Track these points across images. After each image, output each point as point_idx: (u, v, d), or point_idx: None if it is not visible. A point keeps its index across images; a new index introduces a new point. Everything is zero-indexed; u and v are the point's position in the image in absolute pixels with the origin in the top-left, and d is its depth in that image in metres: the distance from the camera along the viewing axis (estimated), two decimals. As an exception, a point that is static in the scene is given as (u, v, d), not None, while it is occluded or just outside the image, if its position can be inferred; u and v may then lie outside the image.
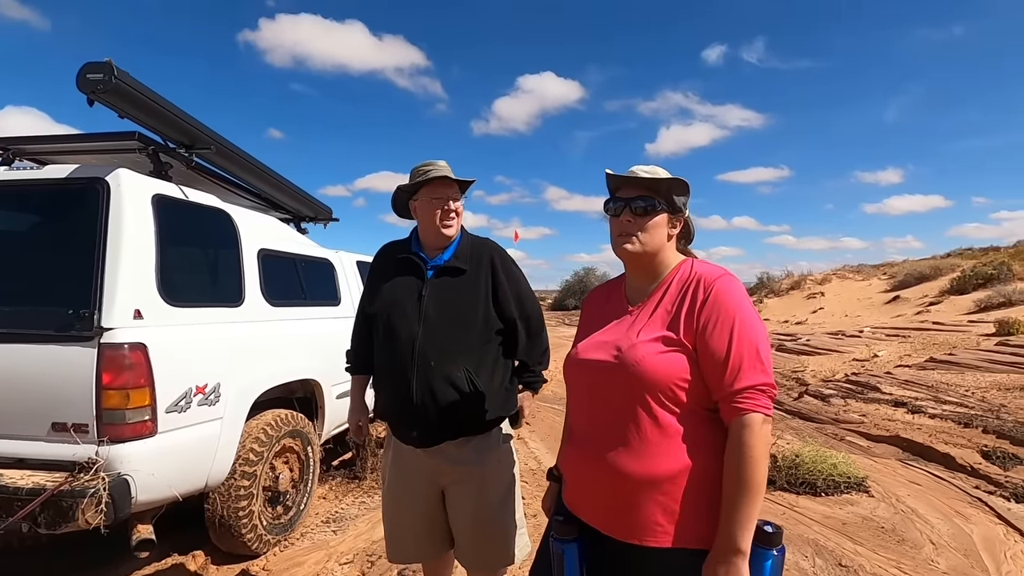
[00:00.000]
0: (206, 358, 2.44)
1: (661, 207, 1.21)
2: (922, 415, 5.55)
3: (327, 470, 4.10)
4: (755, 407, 1.05)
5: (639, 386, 1.12)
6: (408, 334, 1.67)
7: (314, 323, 3.43)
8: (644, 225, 1.20)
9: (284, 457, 3.04)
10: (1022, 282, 13.68)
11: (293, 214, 4.36)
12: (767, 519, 1.13)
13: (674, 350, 1.12)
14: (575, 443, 1.27)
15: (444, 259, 1.74)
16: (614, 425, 1.16)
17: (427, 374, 1.63)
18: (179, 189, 2.59)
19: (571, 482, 1.28)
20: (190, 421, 2.29)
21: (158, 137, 2.66)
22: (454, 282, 1.72)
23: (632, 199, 1.21)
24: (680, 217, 1.25)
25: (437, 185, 1.70)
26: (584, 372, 1.24)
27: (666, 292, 1.20)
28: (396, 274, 1.76)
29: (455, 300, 1.70)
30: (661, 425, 1.11)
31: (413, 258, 1.75)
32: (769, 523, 1.12)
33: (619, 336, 1.20)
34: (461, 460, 1.68)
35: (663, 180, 1.20)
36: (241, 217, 2.95)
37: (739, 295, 1.13)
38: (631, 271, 1.30)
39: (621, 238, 1.22)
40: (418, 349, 1.65)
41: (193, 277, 2.69)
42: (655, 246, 1.22)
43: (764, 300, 21.12)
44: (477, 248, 1.78)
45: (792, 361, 9.80)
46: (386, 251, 1.87)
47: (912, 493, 3.74)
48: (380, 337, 1.74)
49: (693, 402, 1.12)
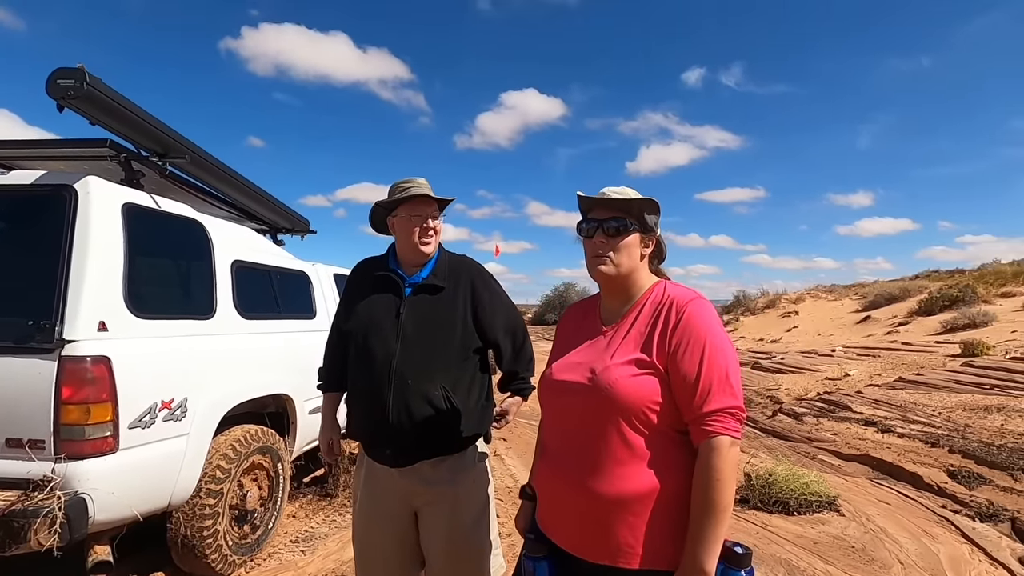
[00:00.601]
0: (173, 372, 2.37)
1: (633, 227, 1.22)
2: (891, 434, 5.65)
3: (298, 487, 4.00)
4: (723, 430, 1.06)
5: (612, 408, 1.12)
6: (385, 352, 1.64)
7: (288, 336, 3.37)
8: (617, 246, 1.22)
9: (253, 474, 2.96)
10: (986, 304, 14.14)
11: (269, 225, 4.30)
12: (738, 540, 1.13)
13: (647, 373, 1.13)
14: (547, 462, 1.27)
15: (422, 276, 1.73)
16: (586, 446, 1.16)
17: (404, 393, 1.61)
18: (151, 198, 2.54)
19: (543, 502, 1.28)
20: (154, 437, 2.22)
21: (131, 145, 2.60)
22: (432, 300, 1.70)
23: (604, 220, 1.22)
24: (652, 236, 1.27)
25: (416, 203, 1.70)
26: (558, 393, 1.24)
27: (639, 314, 1.21)
28: (373, 291, 1.74)
29: (433, 318, 1.68)
30: (633, 447, 1.11)
31: (391, 275, 1.73)
32: (739, 544, 1.12)
33: (593, 357, 1.20)
34: (435, 480, 1.66)
35: (634, 200, 1.21)
36: (215, 228, 2.90)
37: (710, 319, 1.15)
38: (605, 292, 1.31)
39: (595, 259, 1.23)
40: (395, 367, 1.62)
41: (163, 288, 2.63)
42: (629, 267, 1.23)
43: (740, 318, 21.44)
44: (455, 266, 1.78)
45: (767, 379, 9.93)
46: (363, 267, 1.84)
47: (881, 512, 3.79)
48: (356, 355, 1.72)
49: (664, 424, 1.12)
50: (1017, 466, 4.45)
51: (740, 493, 4.04)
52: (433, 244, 1.73)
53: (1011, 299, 14.84)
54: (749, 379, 10.09)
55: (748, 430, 6.42)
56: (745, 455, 5.18)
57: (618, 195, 1.22)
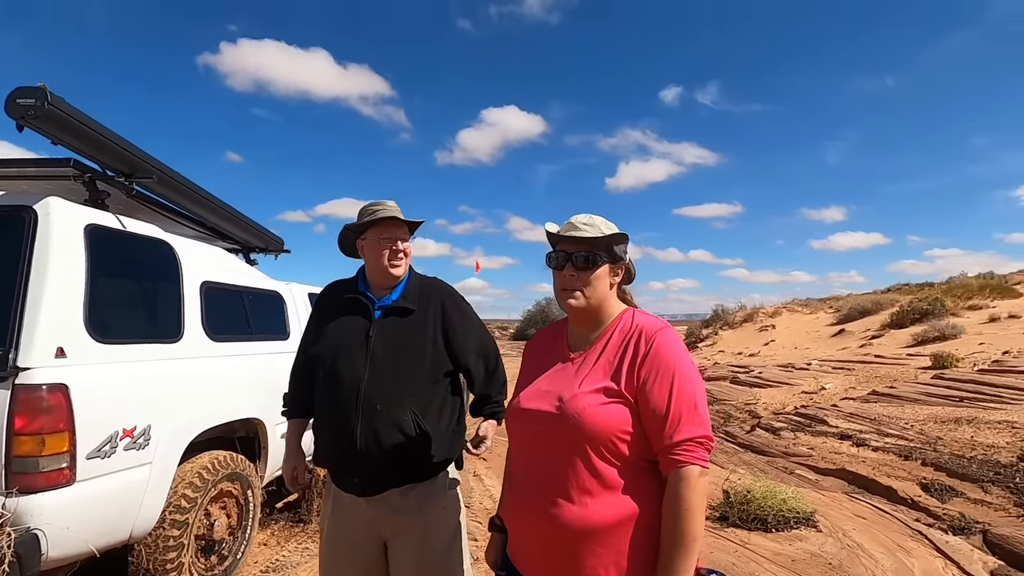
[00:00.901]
0: (136, 398, 2.29)
1: (602, 259, 1.22)
2: (866, 448, 5.73)
3: (270, 513, 3.88)
4: (693, 459, 1.06)
5: (580, 437, 1.11)
6: (353, 377, 1.61)
7: (260, 358, 3.29)
8: (587, 279, 1.21)
9: (221, 502, 2.87)
10: (954, 317, 14.53)
11: (242, 245, 4.23)
12: (716, 560, 1.12)
13: (615, 402, 1.12)
14: (515, 493, 1.25)
15: (392, 299, 1.70)
16: (554, 476, 1.14)
17: (372, 419, 1.57)
18: (116, 219, 2.47)
19: (512, 533, 1.25)
20: (114, 467, 2.14)
21: (96, 164, 2.54)
22: (402, 323, 1.68)
23: (574, 253, 1.22)
24: (621, 264, 1.27)
25: (386, 225, 1.68)
26: (525, 422, 1.22)
27: (608, 342, 1.21)
28: (342, 314, 1.71)
29: (403, 341, 1.66)
30: (601, 476, 1.10)
31: (360, 298, 1.70)
32: (714, 571, 1.11)
33: (561, 385, 1.19)
34: (404, 510, 1.61)
35: (603, 236, 1.21)
36: (183, 248, 2.84)
37: (678, 349, 1.15)
38: (574, 320, 1.30)
39: (565, 292, 1.23)
40: (363, 393, 1.59)
41: (127, 312, 2.55)
42: (599, 298, 1.23)
43: (719, 332, 21.70)
44: (426, 288, 1.75)
45: (745, 393, 10.02)
46: (331, 290, 1.81)
47: (858, 527, 3.82)
48: (323, 379, 1.68)
49: (634, 454, 1.11)
50: (987, 478, 4.53)
51: (719, 511, 4.04)
52: (403, 267, 1.71)
53: (978, 312, 15.28)
54: (728, 393, 10.18)
55: (727, 445, 6.46)
56: (723, 471, 5.20)
57: (587, 226, 1.21)
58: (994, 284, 18.15)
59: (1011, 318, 13.77)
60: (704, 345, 20.69)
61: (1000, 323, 13.63)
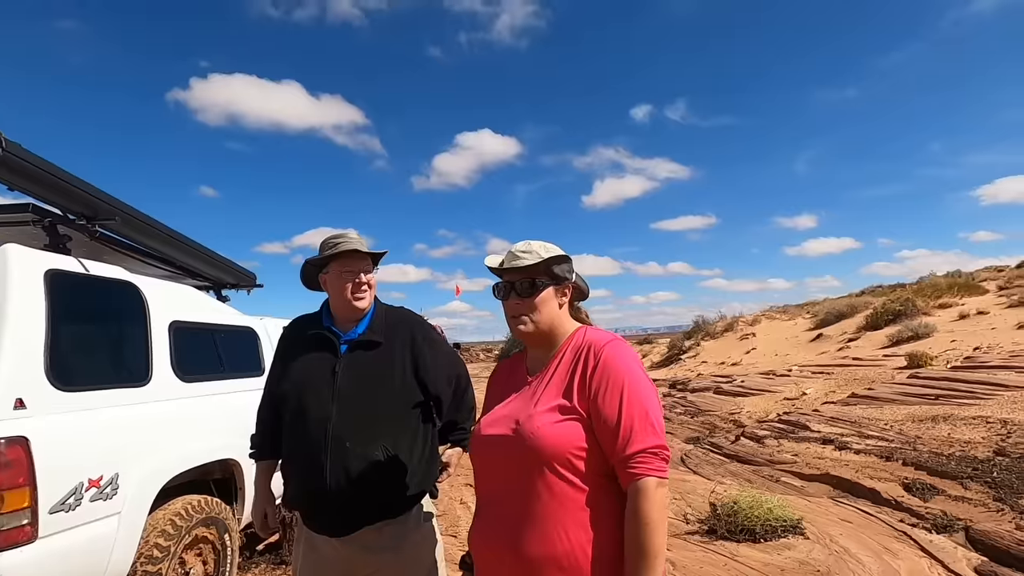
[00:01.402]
0: (102, 446, 2.22)
1: (544, 284, 1.24)
2: (848, 451, 5.79)
3: (250, 556, 3.76)
4: (648, 471, 1.05)
5: (536, 458, 1.10)
6: (320, 415, 1.58)
7: (234, 397, 3.22)
8: (532, 305, 1.23)
9: (197, 549, 2.77)
10: (926, 316, 14.87)
11: (212, 282, 4.18)
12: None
13: (570, 419, 1.12)
14: (480, 522, 1.23)
15: (358, 332, 1.69)
16: (515, 501, 1.13)
17: (342, 457, 1.55)
18: (79, 263, 2.42)
19: (478, 565, 1.23)
20: (80, 520, 2.06)
21: (56, 208, 2.50)
22: (369, 356, 1.66)
23: (515, 282, 1.24)
24: (567, 284, 1.29)
25: (348, 258, 1.66)
26: (485, 448, 1.22)
27: (561, 360, 1.22)
28: (307, 351, 1.69)
29: (371, 375, 1.64)
30: (561, 499, 1.09)
31: (325, 333, 1.69)
32: None
33: (518, 409, 1.20)
34: (379, 547, 1.58)
35: (539, 264, 1.23)
36: (150, 289, 2.78)
37: (628, 360, 1.15)
38: (529, 345, 1.32)
39: (513, 320, 1.25)
40: (331, 431, 1.56)
41: (92, 357, 2.48)
42: (548, 321, 1.25)
43: (701, 343, 21.84)
44: (393, 319, 1.74)
45: (729, 403, 10.08)
46: (296, 326, 1.79)
47: (844, 532, 3.84)
48: (289, 419, 1.65)
49: (592, 471, 1.11)
50: (965, 474, 4.61)
51: (707, 524, 4.03)
52: (368, 299, 1.69)
53: (948, 310, 15.67)
54: (712, 404, 10.23)
55: (713, 457, 6.47)
56: (709, 484, 5.20)
57: (525, 254, 1.23)
58: (962, 282, 18.65)
59: (979, 314, 14.15)
60: (687, 357, 20.81)
61: (969, 320, 14.00)
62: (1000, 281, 17.98)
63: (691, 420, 9.16)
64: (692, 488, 5.01)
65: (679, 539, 3.89)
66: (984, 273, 21.35)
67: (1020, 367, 8.06)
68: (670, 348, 23.74)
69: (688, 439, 7.72)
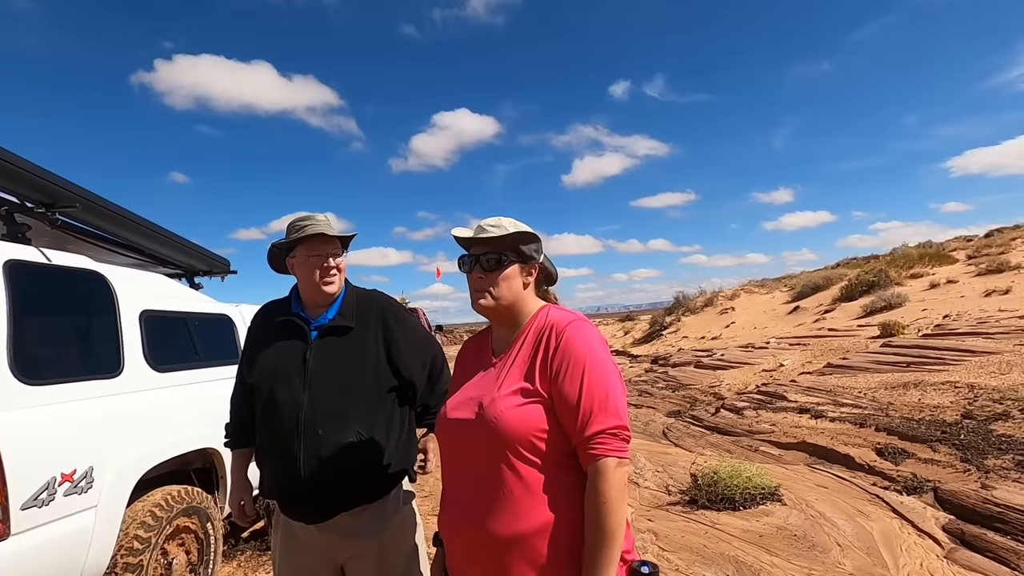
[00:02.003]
0: (74, 440, 2.17)
1: (509, 259, 1.23)
2: (824, 419, 5.95)
3: (235, 544, 3.75)
4: (607, 451, 1.05)
5: (500, 441, 1.10)
6: (292, 403, 1.55)
7: (212, 385, 3.17)
8: (495, 280, 1.22)
9: (179, 539, 2.75)
10: (898, 287, 15.25)
11: (184, 269, 4.08)
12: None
13: (532, 401, 1.12)
14: (448, 505, 1.23)
15: (328, 318, 1.64)
16: (481, 484, 1.13)
17: (316, 444, 1.52)
18: (40, 252, 2.34)
19: (449, 547, 1.24)
20: (54, 515, 2.02)
21: (12, 197, 2.40)
22: (340, 341, 1.62)
23: (481, 255, 1.23)
24: (533, 264, 1.27)
25: (316, 241, 1.61)
26: (450, 431, 1.21)
27: (524, 341, 1.21)
28: (277, 338, 1.65)
29: (343, 361, 1.60)
30: (526, 481, 1.09)
31: (294, 319, 1.64)
32: (646, 563, 1.11)
33: (482, 391, 1.19)
34: (357, 532, 1.57)
35: (508, 235, 1.21)
36: (118, 278, 2.71)
37: (589, 340, 1.14)
38: (493, 323, 1.31)
39: (476, 294, 1.23)
40: (304, 419, 1.54)
41: (59, 349, 2.41)
42: (510, 298, 1.23)
43: (682, 318, 22.14)
44: (364, 303, 1.70)
45: (709, 376, 10.27)
46: (264, 313, 1.74)
47: (820, 497, 3.96)
48: (261, 408, 1.62)
49: (554, 453, 1.11)
50: (935, 437, 4.78)
51: (688, 495, 4.12)
52: (337, 283, 1.65)
53: (919, 280, 16.07)
54: (693, 378, 10.41)
55: (694, 429, 6.60)
56: (691, 455, 5.31)
57: (493, 228, 1.21)
58: (932, 253, 19.11)
59: (949, 283, 14.54)
60: (668, 332, 21.09)
61: (940, 289, 14.38)
62: (969, 251, 18.48)
63: (672, 394, 9.31)
64: (674, 460, 5.11)
65: (661, 510, 3.97)
66: (954, 243, 21.90)
67: (987, 333, 8.33)
68: (651, 324, 24.04)
69: (669, 413, 7.86)
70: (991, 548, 2.98)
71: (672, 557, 3.15)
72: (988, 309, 10.65)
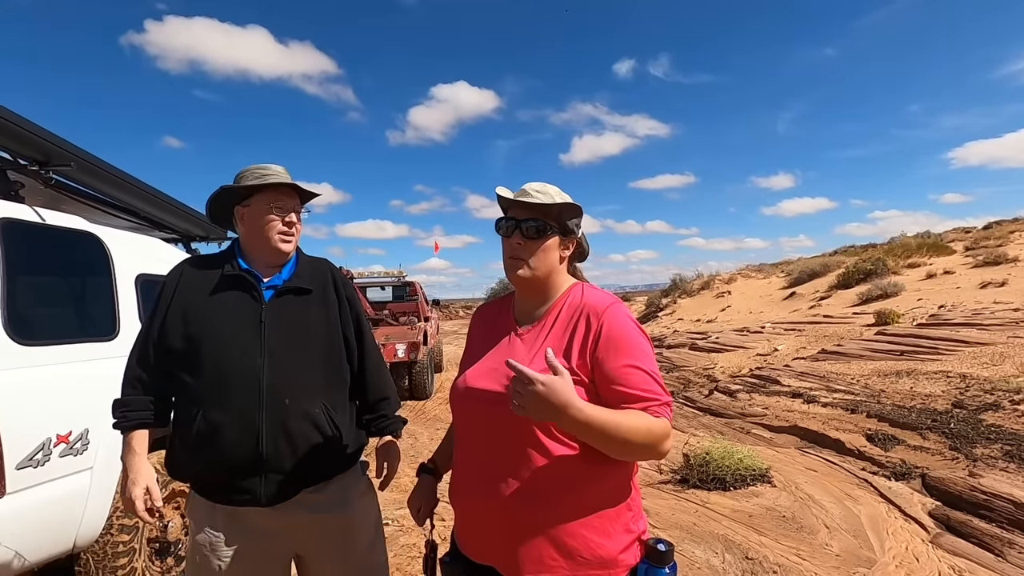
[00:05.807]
0: (69, 401, 2.16)
1: (552, 230, 1.18)
2: (816, 404, 6.00)
3: (230, 509, 3.79)
4: (660, 415, 1.05)
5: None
6: (249, 369, 1.38)
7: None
8: (535, 249, 1.17)
9: (175, 502, 2.76)
10: (895, 276, 15.27)
11: (181, 234, 4.02)
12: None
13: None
14: (464, 477, 1.21)
15: (284, 278, 1.50)
16: (506, 458, 1.11)
17: (280, 415, 1.38)
18: (34, 211, 2.29)
19: (463, 522, 1.22)
20: (50, 476, 2.01)
21: (5, 153, 2.34)
22: (301, 304, 1.48)
23: (523, 220, 1.17)
24: (572, 239, 1.24)
25: (278, 192, 1.45)
26: (474, 402, 1.19)
27: (557, 317, 1.18)
28: (218, 296, 1.44)
29: (305, 325, 1.47)
30: (553, 456, 1.08)
31: (245, 276, 1.45)
32: (662, 540, 1.12)
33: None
34: (320, 507, 1.45)
35: (554, 204, 1.17)
36: (114, 240, 2.66)
37: (629, 323, 1.13)
38: (521, 293, 1.27)
39: (512, 262, 1.19)
40: (265, 386, 1.38)
41: (53, 310, 2.39)
42: (546, 270, 1.19)
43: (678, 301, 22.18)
44: (317, 267, 1.58)
45: (703, 359, 10.32)
46: (196, 266, 1.51)
47: (809, 480, 4.01)
48: (207, 377, 1.39)
49: None
50: (925, 425, 4.83)
51: (680, 474, 4.17)
52: (294, 243, 1.51)
53: (916, 269, 16.10)
54: (687, 360, 10.47)
55: (687, 410, 6.66)
56: (683, 436, 5.36)
57: (539, 194, 1.17)
58: (930, 243, 19.12)
59: (946, 274, 14.58)
60: (664, 314, 21.16)
61: (936, 279, 14.42)
62: (967, 242, 18.49)
63: (666, 375, 9.37)
64: (666, 440, 5.16)
65: (653, 488, 4.02)
66: (952, 234, 21.91)
67: (981, 324, 8.37)
68: (648, 306, 24.10)
69: (663, 393, 7.91)
70: (975, 534, 3.03)
71: (662, 534, 3.19)
72: (983, 301, 10.69)
